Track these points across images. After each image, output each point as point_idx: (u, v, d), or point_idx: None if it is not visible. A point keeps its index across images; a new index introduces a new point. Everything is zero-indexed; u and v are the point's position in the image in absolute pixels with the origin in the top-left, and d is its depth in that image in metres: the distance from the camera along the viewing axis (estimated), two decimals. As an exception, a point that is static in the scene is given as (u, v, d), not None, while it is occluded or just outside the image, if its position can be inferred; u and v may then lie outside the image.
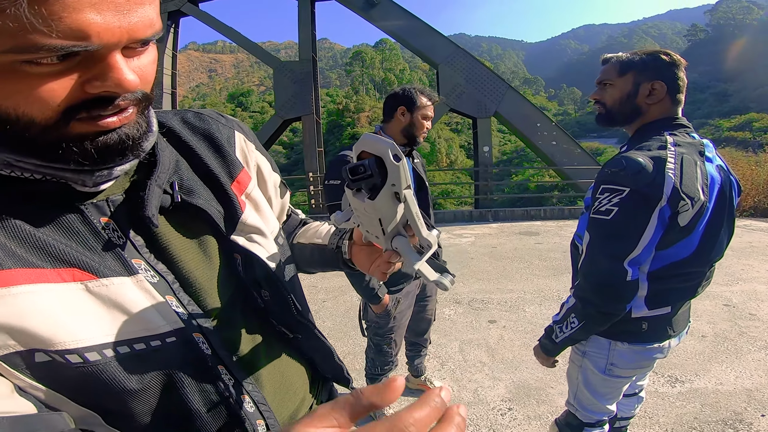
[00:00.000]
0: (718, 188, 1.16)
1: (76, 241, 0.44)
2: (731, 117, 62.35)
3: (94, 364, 0.41)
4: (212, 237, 0.55)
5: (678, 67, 1.18)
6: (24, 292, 0.39)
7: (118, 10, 0.35)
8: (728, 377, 2.51)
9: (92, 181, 0.44)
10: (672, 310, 1.24)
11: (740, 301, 3.68)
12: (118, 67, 0.37)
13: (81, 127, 0.38)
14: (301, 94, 11.71)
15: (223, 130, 0.61)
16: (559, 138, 10.88)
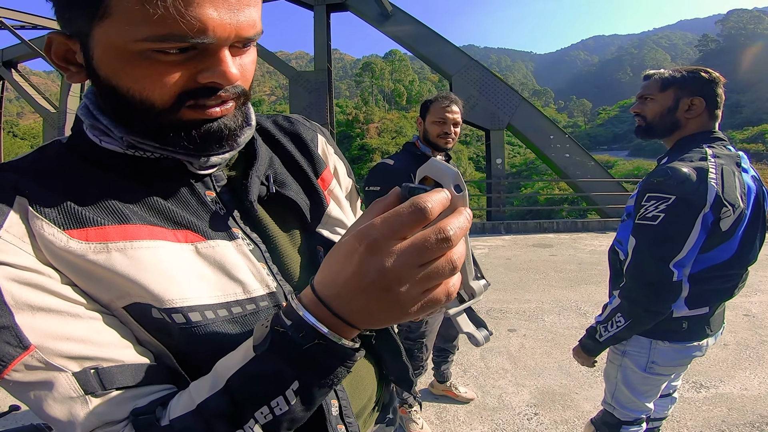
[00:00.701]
0: (754, 197, 1.24)
1: (187, 210, 0.50)
2: (744, 129, 61.62)
3: (196, 325, 0.45)
4: (299, 230, 0.60)
5: (717, 85, 1.27)
6: (145, 247, 0.44)
7: (231, 8, 0.40)
8: (752, 383, 2.55)
9: (198, 164, 0.50)
10: (710, 310, 1.31)
11: (760, 312, 3.73)
12: (226, 61, 0.42)
13: (189, 114, 0.44)
14: (316, 104, 11.86)
15: (308, 132, 0.67)
16: (572, 150, 10.86)
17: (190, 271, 0.46)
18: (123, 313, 0.44)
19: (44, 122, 14.21)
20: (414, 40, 11.73)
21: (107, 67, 0.43)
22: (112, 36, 0.40)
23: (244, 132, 0.53)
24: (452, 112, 1.85)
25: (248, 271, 0.50)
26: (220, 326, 0.46)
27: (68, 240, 0.42)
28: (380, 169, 1.89)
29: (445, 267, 0.34)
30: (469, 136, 61.15)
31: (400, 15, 11.61)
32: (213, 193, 0.53)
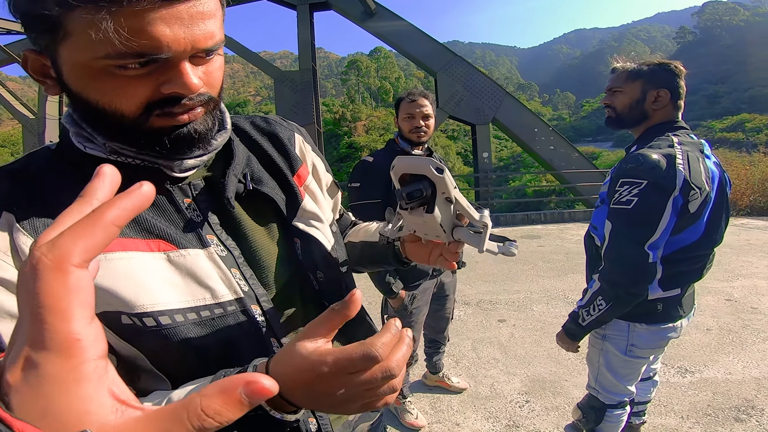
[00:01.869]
0: (717, 180, 1.31)
1: (163, 217, 0.52)
2: (723, 118, 63.04)
3: (166, 328, 0.48)
4: (276, 224, 0.63)
5: (680, 77, 1.34)
6: (118, 258, 0.47)
7: (183, 23, 0.43)
8: (736, 367, 2.59)
9: (179, 167, 0.53)
10: (682, 291, 1.37)
11: (741, 296, 3.79)
12: (185, 73, 0.45)
13: (159, 121, 0.47)
14: (301, 103, 11.82)
15: (285, 131, 0.70)
16: (556, 143, 11.03)
17: (161, 279, 0.49)
18: None
19: (23, 129, 13.90)
20: (398, 37, 11.76)
21: (75, 82, 0.45)
22: (75, 54, 0.42)
23: (219, 135, 0.57)
24: (420, 105, 1.88)
25: (217, 278, 0.53)
26: (189, 328, 0.50)
27: None
28: (360, 166, 1.92)
29: (386, 390, 0.41)
30: (457, 131, 61.42)
31: (384, 12, 11.62)
32: (190, 200, 0.55)
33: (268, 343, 0.56)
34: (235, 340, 0.54)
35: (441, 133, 58.81)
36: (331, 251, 0.67)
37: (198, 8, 0.44)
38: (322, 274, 0.66)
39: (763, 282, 4.11)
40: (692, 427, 2.04)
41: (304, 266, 0.64)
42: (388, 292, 1.89)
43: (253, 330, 0.55)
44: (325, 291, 0.66)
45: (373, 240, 0.79)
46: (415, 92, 1.92)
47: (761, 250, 5.37)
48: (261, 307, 0.56)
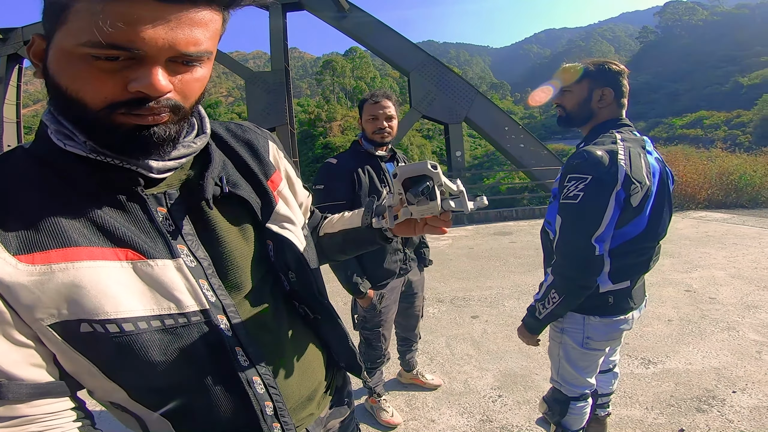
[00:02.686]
0: (658, 175, 1.38)
1: (136, 226, 0.53)
2: (683, 115, 65.87)
3: (129, 334, 0.49)
4: (250, 225, 0.65)
5: (622, 76, 1.41)
6: (85, 267, 0.48)
7: (167, 24, 0.44)
8: (696, 357, 2.66)
9: (157, 170, 0.53)
10: (631, 283, 1.44)
11: (700, 287, 3.93)
12: (155, 74, 0.45)
13: (121, 118, 0.47)
14: (274, 104, 11.65)
15: (260, 139, 0.72)
16: (526, 141, 11.29)
17: (127, 287, 0.50)
18: (47, 331, 0.47)
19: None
20: (371, 37, 11.75)
21: (55, 65, 0.46)
22: (63, 40, 0.44)
23: (199, 139, 0.59)
24: (383, 107, 1.89)
25: (184, 289, 0.54)
26: (152, 335, 0.51)
27: (17, 263, 0.45)
28: (324, 169, 1.93)
29: None
30: (431, 131, 61.88)
31: (357, 12, 11.59)
32: (164, 210, 0.56)
33: (232, 352, 0.58)
34: (196, 349, 0.55)
35: (416, 133, 59.13)
36: (303, 252, 0.70)
37: (189, 14, 0.45)
38: (294, 274, 0.69)
39: (721, 272, 4.27)
40: (657, 418, 2.08)
41: (276, 267, 0.67)
42: (356, 292, 1.90)
43: (217, 340, 0.56)
44: (295, 291, 0.69)
45: (353, 226, 0.84)
46: (378, 93, 1.93)
47: (719, 241, 5.61)
48: (228, 317, 0.58)
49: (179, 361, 0.53)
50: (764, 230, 6.08)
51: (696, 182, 8.83)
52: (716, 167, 9.12)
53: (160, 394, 0.54)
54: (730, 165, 9.12)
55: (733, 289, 3.80)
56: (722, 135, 46.45)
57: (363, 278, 1.90)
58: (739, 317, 3.18)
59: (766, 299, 3.49)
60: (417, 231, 0.74)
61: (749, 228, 6.33)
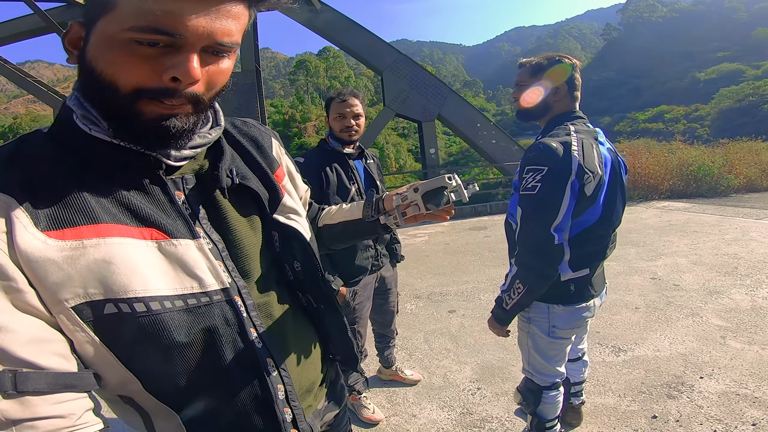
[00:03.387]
0: (610, 165, 1.44)
1: (157, 207, 0.54)
2: (645, 110, 68.60)
3: (156, 313, 0.49)
4: (258, 216, 0.67)
5: (575, 69, 1.46)
6: (116, 243, 0.48)
7: (209, 14, 0.47)
8: (663, 344, 2.73)
9: (174, 157, 0.56)
10: (590, 271, 1.49)
11: (665, 274, 4.07)
12: (191, 60, 0.47)
13: (144, 105, 0.49)
14: (245, 106, 11.45)
15: (263, 135, 0.75)
16: (498, 137, 11.51)
17: (153, 266, 0.50)
18: (69, 313, 0.45)
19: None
20: (344, 37, 11.70)
21: (94, 50, 0.48)
22: (108, 26, 0.46)
23: (213, 130, 0.62)
24: (350, 105, 1.89)
25: (205, 268, 0.55)
26: (175, 315, 0.51)
27: (46, 239, 0.45)
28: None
29: None
30: (407, 129, 62.12)
31: (329, 12, 11.52)
32: (182, 194, 0.58)
33: (248, 332, 0.59)
34: (218, 328, 0.56)
35: (392, 131, 59.29)
36: (309, 242, 0.72)
37: (227, 6, 0.48)
38: (300, 264, 0.71)
39: (683, 260, 4.45)
40: (630, 405, 2.13)
41: (281, 257, 0.70)
42: None
43: (236, 319, 0.58)
44: (299, 280, 0.72)
45: (354, 218, 0.89)
46: (345, 92, 1.93)
47: (681, 230, 5.87)
48: (242, 298, 0.59)
49: (200, 341, 0.54)
50: (723, 218, 6.40)
51: (658, 174, 9.22)
52: (677, 159, 9.54)
53: (176, 380, 0.53)
54: (690, 156, 9.56)
55: (695, 275, 3.95)
56: (682, 128, 48.69)
57: (335, 276, 1.91)
58: (702, 303, 3.30)
59: (727, 285, 3.63)
60: (419, 219, 0.84)
61: (709, 216, 6.65)
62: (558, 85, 1.45)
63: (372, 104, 53.34)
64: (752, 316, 2.99)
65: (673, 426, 1.95)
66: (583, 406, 2.02)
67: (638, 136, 19.18)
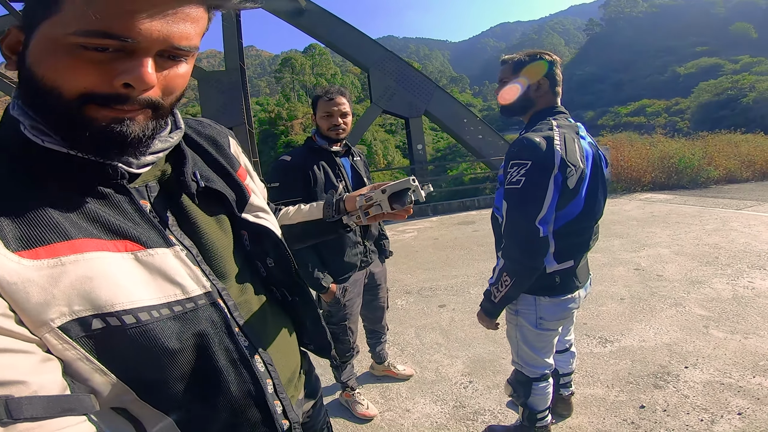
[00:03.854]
0: (591, 158, 1.48)
1: (126, 218, 0.53)
2: (627, 104, 69.71)
3: (145, 324, 0.48)
4: (226, 217, 0.67)
5: (556, 65, 1.49)
6: (95, 258, 0.47)
7: (165, 17, 0.44)
8: (648, 334, 2.76)
9: (136, 164, 0.54)
10: (575, 263, 1.53)
11: (648, 265, 4.14)
12: (145, 65, 0.44)
13: (93, 110, 0.45)
14: (230, 104, 11.31)
15: (221, 134, 0.74)
16: (484, 132, 11.60)
17: (133, 278, 0.49)
18: (56, 333, 0.43)
19: None
20: (330, 34, 11.62)
21: (35, 55, 0.45)
22: (51, 29, 0.43)
23: (174, 134, 0.60)
24: (337, 104, 1.89)
25: (185, 275, 0.54)
26: (165, 323, 0.50)
27: (20, 260, 0.42)
28: (278, 166, 1.91)
29: None
30: (394, 125, 62.06)
31: (315, 9, 11.41)
32: (147, 203, 0.56)
33: (234, 333, 0.59)
34: (207, 332, 0.55)
35: (379, 128, 59.19)
36: (281, 238, 0.73)
37: (185, 9, 0.46)
38: (273, 260, 0.72)
39: (666, 250, 4.55)
40: (618, 396, 2.16)
41: (253, 255, 0.70)
42: (318, 287, 1.90)
43: (222, 321, 0.58)
44: (273, 276, 0.73)
45: (314, 218, 0.91)
46: (332, 90, 1.92)
47: (663, 221, 6.00)
48: (223, 300, 0.60)
49: (192, 345, 0.54)
50: (704, 209, 6.57)
51: (640, 166, 9.41)
52: (658, 152, 9.75)
53: (171, 386, 0.53)
54: (671, 149, 9.78)
55: (678, 265, 4.04)
56: (663, 122, 49.60)
57: (324, 273, 1.91)
58: (684, 293, 3.37)
59: (709, 274, 3.72)
60: (378, 219, 0.87)
61: (690, 207, 6.82)
62: (538, 81, 1.48)
63: (359, 101, 53.14)
64: (734, 305, 3.06)
65: (660, 416, 1.98)
66: (572, 397, 2.05)
67: (621, 129, 19.52)
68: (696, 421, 1.92)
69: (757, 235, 4.77)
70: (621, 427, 1.94)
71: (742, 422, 1.88)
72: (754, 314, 2.88)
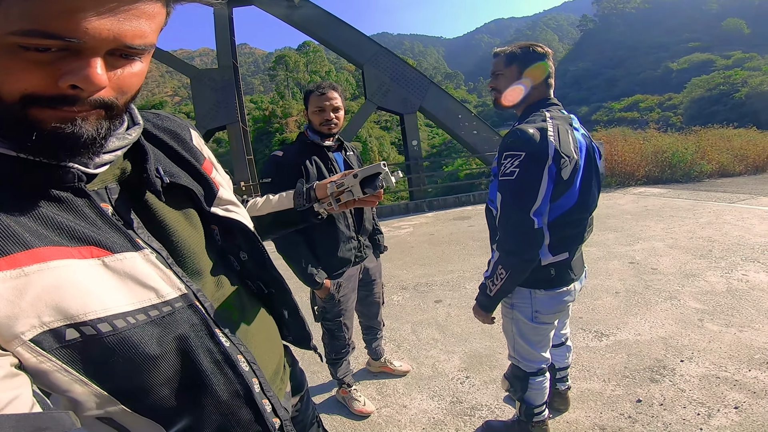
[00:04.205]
0: (585, 150, 1.47)
1: (88, 222, 0.50)
2: (620, 99, 69.94)
3: (122, 331, 0.46)
4: (195, 212, 0.65)
5: (548, 57, 1.47)
6: (60, 266, 0.44)
7: (114, 15, 0.41)
8: (644, 328, 2.76)
9: (93, 164, 0.50)
10: (570, 255, 1.52)
11: (642, 258, 4.15)
12: (93, 66, 0.41)
13: (38, 113, 0.42)
14: (223, 102, 11.25)
15: (181, 127, 0.71)
16: (479, 127, 11.61)
17: (103, 284, 0.47)
18: (30, 346, 0.41)
19: None
20: (324, 31, 11.58)
21: None
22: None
23: (133, 130, 0.56)
24: (329, 98, 1.88)
25: (158, 278, 0.53)
26: (143, 329, 0.49)
27: None
28: (271, 162, 1.90)
29: None
30: (389, 122, 61.98)
31: (308, 6, 11.35)
32: (108, 206, 0.53)
33: (215, 333, 0.58)
34: (187, 335, 0.54)
35: (374, 125, 59.11)
36: (254, 231, 0.71)
37: (140, 6, 0.42)
38: (246, 253, 0.70)
39: (660, 243, 4.56)
40: (615, 390, 2.15)
41: (225, 250, 0.69)
42: (313, 283, 1.89)
43: (201, 323, 0.56)
44: (246, 269, 0.72)
45: (284, 208, 0.91)
46: (324, 85, 1.91)
47: (657, 214, 6.02)
48: (200, 301, 0.58)
49: (174, 351, 0.52)
50: (698, 202, 6.60)
51: (634, 161, 9.46)
52: (651, 146, 9.80)
53: (156, 393, 0.51)
54: (664, 144, 9.83)
55: (672, 259, 4.05)
56: (656, 117, 49.90)
57: (318, 269, 1.90)
58: (679, 286, 3.37)
59: (703, 267, 3.73)
60: (349, 206, 0.89)
61: (684, 201, 6.86)
62: (533, 75, 1.46)
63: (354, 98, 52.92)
64: (728, 298, 3.07)
65: (657, 410, 1.97)
66: (569, 391, 2.05)
67: (614, 124, 19.59)
68: (693, 415, 1.92)
69: (751, 228, 4.80)
70: (618, 422, 1.93)
71: (738, 416, 1.87)
72: (749, 307, 2.88)
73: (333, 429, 2.16)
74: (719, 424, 1.84)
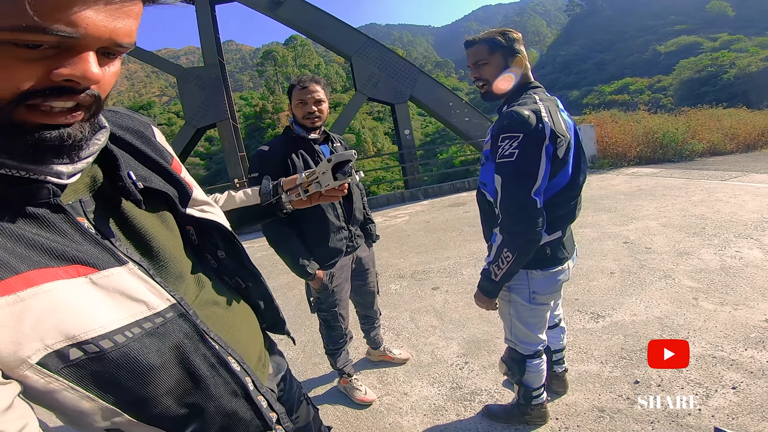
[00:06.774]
0: (573, 130, 1.47)
1: (68, 239, 0.48)
2: (611, 83, 70.17)
3: (123, 346, 0.47)
4: (170, 214, 0.65)
5: (520, 42, 1.46)
6: (53, 289, 0.44)
7: (111, 14, 0.41)
8: (639, 308, 2.74)
9: (67, 174, 0.48)
10: (562, 233, 1.52)
11: (636, 237, 4.16)
12: (89, 61, 0.41)
13: (26, 115, 0.40)
14: (212, 100, 11.13)
15: (144, 125, 0.68)
16: (471, 114, 11.59)
17: (95, 302, 0.47)
18: (37, 369, 0.42)
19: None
20: (309, 24, 11.46)
21: None
22: None
23: (101, 134, 0.53)
24: (311, 91, 1.87)
25: (146, 290, 0.53)
26: (141, 342, 0.50)
27: None
28: (257, 156, 1.89)
29: None
30: (382, 112, 61.68)
31: (293, 1, 11.18)
32: (84, 219, 0.51)
33: (206, 339, 0.59)
34: (183, 342, 0.55)
35: (366, 116, 58.81)
36: (230, 229, 0.72)
37: (129, 6, 0.43)
38: (223, 252, 0.72)
39: (654, 223, 4.57)
40: (612, 371, 2.13)
41: (202, 249, 0.70)
42: (305, 274, 1.88)
43: (193, 330, 0.57)
44: (224, 266, 0.73)
45: (250, 204, 0.93)
46: (305, 78, 1.90)
47: (650, 194, 6.04)
48: (184, 308, 0.58)
49: (173, 360, 0.53)
50: (690, 181, 6.63)
51: (625, 142, 9.50)
52: (642, 127, 9.84)
53: (160, 402, 0.53)
54: (654, 124, 9.86)
55: (665, 237, 4.06)
56: (647, 99, 50.09)
57: (310, 260, 1.89)
58: (673, 265, 3.37)
59: (696, 245, 3.73)
60: (313, 201, 0.93)
61: (676, 180, 6.89)
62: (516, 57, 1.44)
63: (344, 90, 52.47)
64: (722, 275, 3.07)
65: (655, 390, 1.97)
66: (566, 373, 2.05)
67: (605, 107, 19.67)
68: (691, 395, 1.91)
69: (743, 204, 4.82)
70: (617, 403, 1.93)
71: (736, 396, 1.86)
72: (743, 284, 2.88)
73: (336, 419, 2.16)
74: (718, 405, 1.82)
